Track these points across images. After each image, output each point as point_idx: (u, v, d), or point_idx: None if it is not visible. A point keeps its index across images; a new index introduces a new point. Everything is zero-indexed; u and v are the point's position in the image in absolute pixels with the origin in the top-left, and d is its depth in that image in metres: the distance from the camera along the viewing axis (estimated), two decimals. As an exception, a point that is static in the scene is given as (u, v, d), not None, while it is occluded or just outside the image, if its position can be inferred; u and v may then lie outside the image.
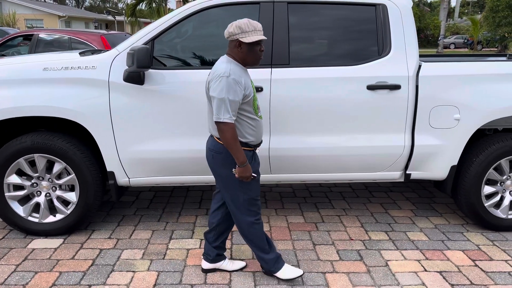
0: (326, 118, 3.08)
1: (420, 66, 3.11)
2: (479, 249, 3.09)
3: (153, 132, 3.02)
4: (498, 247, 3.11)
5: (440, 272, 2.78)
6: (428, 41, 46.01)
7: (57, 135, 3.02)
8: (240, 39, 2.29)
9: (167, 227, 3.36)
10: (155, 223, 3.44)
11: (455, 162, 3.23)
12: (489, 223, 3.33)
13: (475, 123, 3.12)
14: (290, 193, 4.18)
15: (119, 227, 3.36)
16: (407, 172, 3.30)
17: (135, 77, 2.85)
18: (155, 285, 2.58)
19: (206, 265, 2.71)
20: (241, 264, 2.78)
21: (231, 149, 2.30)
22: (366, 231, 3.36)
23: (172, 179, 3.19)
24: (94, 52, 3.65)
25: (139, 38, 3.03)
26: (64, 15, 34.98)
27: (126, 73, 2.83)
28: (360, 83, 3.05)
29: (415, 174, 3.31)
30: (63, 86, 2.94)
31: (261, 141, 2.55)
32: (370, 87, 3.04)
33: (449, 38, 43.35)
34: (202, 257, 2.74)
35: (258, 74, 3.01)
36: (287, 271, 2.62)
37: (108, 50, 3.18)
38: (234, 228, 3.32)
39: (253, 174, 2.40)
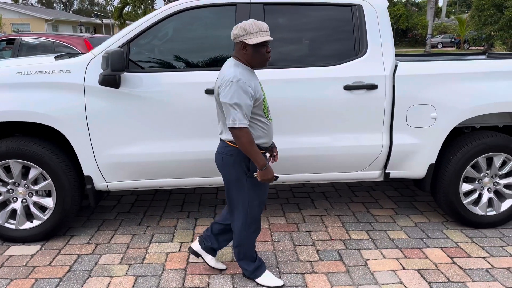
0: (304, 119, 3.08)
1: (396, 66, 3.13)
2: (457, 246, 3.11)
3: (130, 135, 3.00)
4: (477, 244, 3.14)
5: (418, 270, 2.79)
6: (416, 40, 46.42)
7: (32, 140, 2.98)
8: (245, 41, 2.26)
9: (148, 231, 3.34)
10: (135, 227, 3.42)
11: (433, 161, 3.25)
12: (468, 221, 3.36)
13: (451, 122, 3.15)
14: (273, 194, 4.17)
15: (98, 231, 3.33)
16: (386, 171, 3.32)
17: (110, 80, 2.82)
18: (132, 290, 2.56)
19: (196, 246, 2.71)
20: (223, 266, 2.77)
21: (249, 154, 2.26)
22: (347, 230, 3.37)
23: (152, 182, 3.17)
24: (71, 56, 3.61)
25: (115, 41, 3.01)
26: (51, 18, 34.69)
27: (101, 77, 2.81)
28: (337, 83, 3.06)
29: (394, 173, 3.33)
30: (38, 90, 2.91)
31: (272, 143, 2.55)
32: (347, 87, 3.06)
33: (437, 37, 43.77)
34: (197, 238, 2.74)
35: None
36: (267, 279, 2.61)
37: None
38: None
39: (275, 174, 2.38)
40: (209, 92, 2.98)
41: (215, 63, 3.09)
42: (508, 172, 3.34)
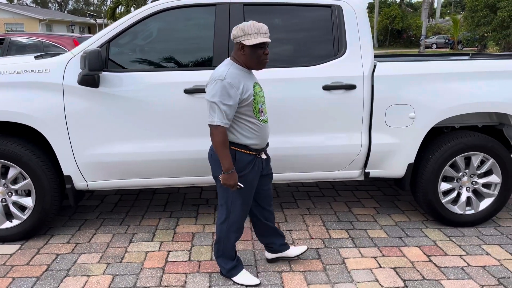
0: (283, 119, 3.11)
1: (375, 66, 3.16)
2: (435, 245, 3.15)
3: (109, 135, 3.01)
4: (454, 243, 3.17)
5: (395, 268, 2.82)
6: (411, 41, 46.59)
7: (11, 139, 2.98)
8: (243, 42, 2.28)
9: (128, 231, 3.35)
10: (116, 226, 3.43)
11: (412, 160, 3.28)
12: (447, 219, 3.39)
13: (429, 122, 3.18)
14: (257, 194, 4.19)
15: (79, 231, 3.34)
16: (366, 170, 3.35)
17: (89, 80, 2.83)
18: (108, 288, 2.58)
19: (270, 255, 2.83)
20: (303, 247, 2.85)
21: (218, 154, 2.29)
22: (327, 229, 3.40)
23: (132, 182, 3.18)
24: (54, 55, 3.61)
25: (95, 40, 3.02)
26: (44, 18, 34.54)
27: (80, 76, 2.82)
28: (316, 83, 3.09)
29: (373, 172, 3.36)
30: (16, 90, 2.92)
31: (266, 146, 2.54)
32: (326, 88, 3.08)
33: (431, 38, 43.93)
34: (265, 249, 2.84)
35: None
36: (244, 277, 2.63)
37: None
38: (196, 229, 3.34)
39: (239, 184, 2.36)
40: (189, 92, 2.99)
41: (195, 63, 3.11)
42: (486, 172, 3.38)
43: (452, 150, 3.25)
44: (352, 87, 3.10)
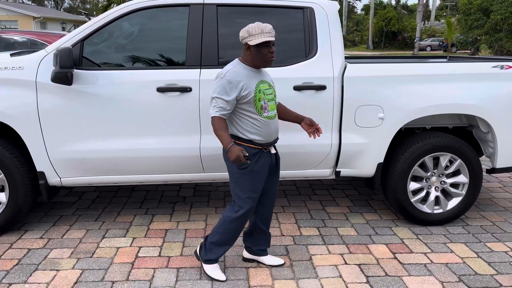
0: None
1: (345, 67, 3.23)
2: (402, 242, 3.22)
3: (83, 132, 3.06)
4: (421, 241, 3.25)
5: (359, 265, 2.89)
6: (406, 43, 46.82)
7: (-15, 135, 3.02)
8: (248, 42, 2.42)
9: (103, 227, 3.40)
10: (91, 222, 3.48)
11: (381, 160, 3.35)
12: (416, 218, 3.46)
13: (398, 122, 3.25)
14: (234, 192, 4.25)
15: (54, 227, 3.38)
16: (337, 169, 3.42)
17: (62, 77, 2.88)
18: (76, 282, 2.62)
19: (247, 254, 2.89)
20: (280, 261, 2.86)
21: (219, 138, 2.43)
22: (299, 227, 3.46)
23: (105, 179, 3.23)
24: (31, 53, 3.65)
25: (69, 38, 3.07)
26: (39, 16, 34.41)
27: (53, 74, 2.87)
28: (287, 84, 3.15)
29: (344, 171, 3.43)
30: (-10, 87, 2.96)
31: (274, 140, 2.62)
32: (297, 88, 3.15)
33: (426, 40, 44.17)
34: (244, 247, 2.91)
35: (187, 75, 3.09)
36: (213, 270, 2.68)
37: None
38: (170, 226, 3.39)
39: (244, 152, 2.37)
40: (161, 90, 3.05)
41: (168, 63, 3.16)
42: (454, 172, 3.46)
43: (420, 150, 3.32)
44: (322, 87, 3.17)
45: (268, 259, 2.87)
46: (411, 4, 64.29)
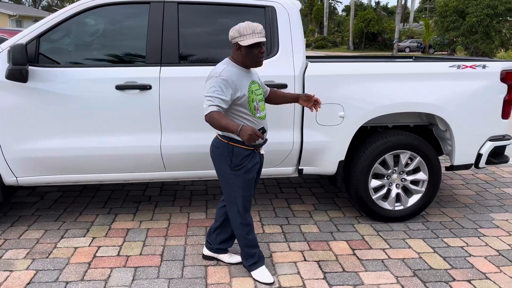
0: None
1: (306, 66, 3.25)
2: (362, 239, 3.26)
3: (39, 130, 3.01)
4: (381, 237, 3.30)
5: (318, 262, 2.91)
6: (385, 44, 47.48)
7: None
8: (239, 42, 2.37)
9: (63, 227, 3.35)
10: (51, 223, 3.42)
11: (343, 157, 3.39)
12: (377, 215, 3.52)
13: (358, 121, 3.29)
14: (202, 191, 4.24)
15: (11, 227, 3.31)
16: (300, 167, 3.44)
17: (16, 74, 2.82)
18: (29, 283, 2.57)
19: (206, 252, 2.88)
20: (239, 259, 2.85)
21: (224, 129, 2.27)
22: (262, 225, 3.47)
23: (64, 178, 3.18)
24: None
25: (25, 35, 3.01)
26: (14, 14, 33.65)
27: (6, 71, 2.81)
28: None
29: (307, 169, 3.46)
30: None
31: (265, 141, 2.57)
32: (258, 86, 3.15)
33: (405, 42, 44.85)
34: (205, 244, 2.90)
35: (146, 72, 3.07)
36: (262, 273, 2.67)
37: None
38: (132, 225, 3.36)
39: (258, 132, 2.22)
40: (120, 88, 3.02)
41: (127, 60, 3.13)
42: (415, 169, 3.52)
43: (381, 148, 3.37)
44: (284, 86, 3.18)
45: (227, 257, 2.87)
46: (391, 6, 65.23)
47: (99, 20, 3.17)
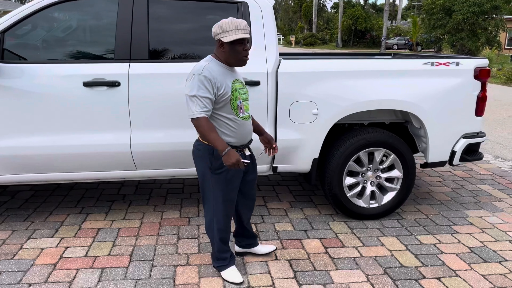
0: (185, 114, 3.11)
1: (279, 63, 3.22)
2: (336, 237, 3.24)
3: (4, 128, 2.93)
4: (355, 235, 3.28)
5: (290, 260, 2.89)
6: (374, 41, 47.73)
7: None
8: (221, 39, 2.30)
9: (31, 227, 3.27)
10: (19, 223, 3.34)
11: (317, 155, 3.37)
12: (352, 212, 3.50)
13: (331, 118, 3.27)
14: (178, 189, 4.19)
15: (-23, 228, 3.23)
16: (274, 165, 3.41)
17: (-22, 71, 2.74)
18: (-10, 285, 2.51)
19: (238, 249, 2.90)
20: (272, 247, 2.90)
21: (209, 141, 2.27)
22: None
23: (31, 177, 3.10)
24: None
25: (-12, 31, 2.92)
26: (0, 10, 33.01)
27: (-32, 67, 2.73)
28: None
29: (281, 167, 3.42)
30: None
31: (249, 142, 2.51)
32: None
33: (393, 39, 45.13)
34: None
35: (115, 69, 3.00)
36: (231, 273, 2.63)
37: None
38: (103, 225, 3.30)
39: (244, 160, 2.33)
40: (88, 85, 2.95)
41: (95, 56, 3.06)
42: (389, 167, 3.51)
43: (355, 145, 3.35)
44: (256, 83, 3.14)
45: (259, 248, 2.89)
46: (380, 4, 65.51)
47: (66, 14, 3.09)
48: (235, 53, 2.34)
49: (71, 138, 3.01)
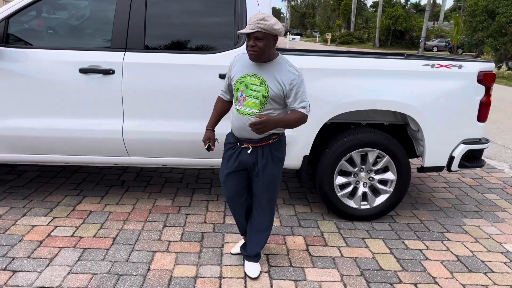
0: (177, 104, 3.16)
1: (273, 58, 3.20)
2: (321, 235, 3.22)
3: (2, 109, 3.08)
4: (341, 235, 3.24)
5: (268, 255, 2.89)
6: (413, 42, 46.40)
7: None
8: None
9: (28, 205, 3.43)
10: (18, 200, 3.51)
11: (307, 152, 3.34)
12: (342, 212, 3.46)
13: (324, 116, 3.23)
14: (177, 179, 4.27)
15: (-20, 203, 3.43)
16: (265, 160, 3.41)
17: (-19, 54, 2.89)
18: (-23, 256, 2.66)
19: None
20: (255, 273, 2.67)
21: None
22: (225, 215, 3.47)
23: (24, 157, 3.25)
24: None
25: (-5, 16, 3.08)
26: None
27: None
28: (213, 71, 3.14)
29: (272, 162, 3.42)
30: None
31: (247, 139, 2.45)
32: (222, 76, 3.13)
33: (433, 41, 43.74)
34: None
35: (111, 57, 3.09)
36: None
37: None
38: (96, 208, 3.39)
39: (205, 144, 2.57)
40: (84, 71, 3.05)
41: (93, 44, 3.16)
42: (384, 169, 3.44)
43: (347, 145, 3.30)
44: (248, 77, 3.15)
45: (245, 265, 2.73)
46: (423, 4, 63.43)
47: (68, 3, 3.21)
48: (246, 47, 2.35)
49: (64, 122, 3.13)
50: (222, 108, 2.66)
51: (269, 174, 2.49)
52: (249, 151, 2.47)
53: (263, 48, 2.29)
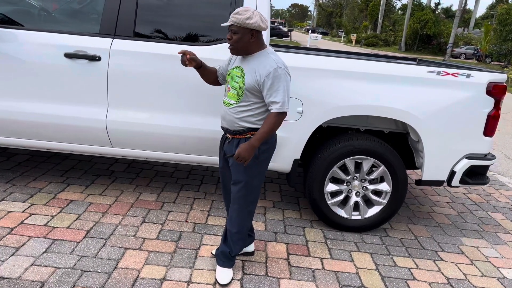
0: (165, 97, 3.03)
1: (268, 54, 3.03)
2: (305, 244, 3.05)
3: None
4: (327, 245, 3.07)
5: (244, 261, 2.74)
6: (440, 48, 45.27)
7: None
8: None
9: (10, 189, 3.36)
10: (1, 184, 3.44)
11: (298, 156, 3.17)
12: (331, 221, 3.28)
13: (317, 119, 3.05)
14: (167, 173, 4.15)
15: (-39, 183, 3.37)
16: (253, 161, 3.25)
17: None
18: None
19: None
20: (223, 280, 2.50)
21: None
22: (208, 215, 3.33)
23: (4, 140, 3.17)
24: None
25: (-16, -6, 3.00)
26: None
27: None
28: (208, 64, 2.98)
29: (260, 163, 3.26)
30: None
31: (227, 129, 2.40)
32: (212, 69, 2.98)
33: (461, 47, 42.59)
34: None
35: (98, 43, 2.97)
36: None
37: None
38: (77, 197, 3.31)
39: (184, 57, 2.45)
40: (69, 56, 2.95)
41: (80, 28, 3.04)
42: (380, 178, 3.24)
43: (341, 151, 3.12)
44: (240, 72, 2.99)
45: (217, 270, 2.57)
46: (455, 10, 61.81)
47: (60, -15, 3.10)
48: None
49: (47, 107, 3.03)
50: (212, 72, 2.56)
51: (239, 167, 2.36)
52: (228, 141, 2.45)
53: (237, 41, 2.24)
